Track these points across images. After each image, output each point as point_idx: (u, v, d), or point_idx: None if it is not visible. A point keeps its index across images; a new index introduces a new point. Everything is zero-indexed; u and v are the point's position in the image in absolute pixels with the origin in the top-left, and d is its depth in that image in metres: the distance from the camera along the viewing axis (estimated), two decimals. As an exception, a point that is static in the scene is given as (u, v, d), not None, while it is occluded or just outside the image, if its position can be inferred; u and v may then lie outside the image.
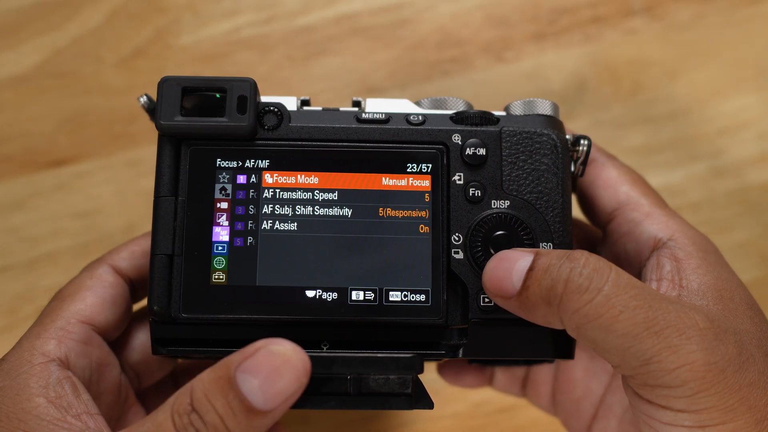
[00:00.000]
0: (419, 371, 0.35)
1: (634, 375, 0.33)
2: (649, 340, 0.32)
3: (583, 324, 0.33)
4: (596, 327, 0.33)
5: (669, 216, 0.40)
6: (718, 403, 0.32)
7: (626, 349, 0.33)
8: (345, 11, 0.63)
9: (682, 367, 0.32)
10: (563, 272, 0.34)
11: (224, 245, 0.38)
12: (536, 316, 0.35)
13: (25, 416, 0.34)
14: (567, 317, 0.34)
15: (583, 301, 0.33)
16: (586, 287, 0.33)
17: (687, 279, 0.37)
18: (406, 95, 0.59)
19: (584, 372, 0.45)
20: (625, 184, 0.41)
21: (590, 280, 0.33)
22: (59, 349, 0.36)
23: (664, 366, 0.32)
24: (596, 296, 0.33)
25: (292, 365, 0.31)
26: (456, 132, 0.40)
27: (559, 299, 0.33)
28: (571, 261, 0.34)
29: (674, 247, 0.38)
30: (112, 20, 0.63)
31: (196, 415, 0.31)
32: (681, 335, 0.32)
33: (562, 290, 0.33)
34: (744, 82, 0.62)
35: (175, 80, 0.39)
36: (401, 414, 0.56)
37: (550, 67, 0.62)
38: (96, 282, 0.39)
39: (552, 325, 0.35)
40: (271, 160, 0.39)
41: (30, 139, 0.60)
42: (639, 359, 0.32)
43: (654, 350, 0.32)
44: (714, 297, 0.36)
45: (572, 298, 0.33)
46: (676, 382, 0.32)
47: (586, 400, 0.44)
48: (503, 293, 0.35)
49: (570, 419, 0.45)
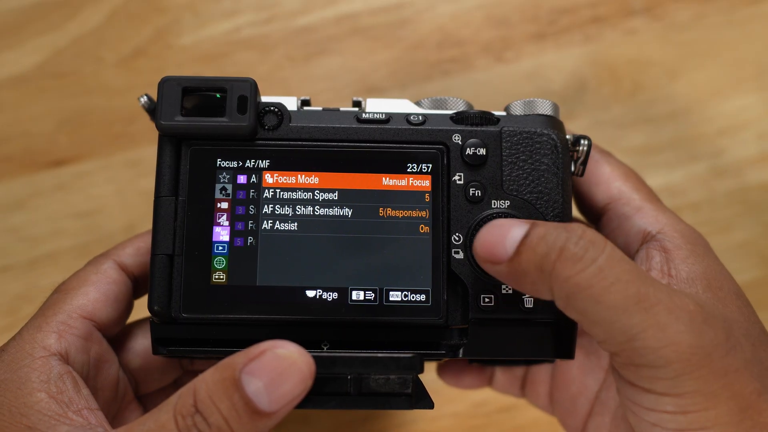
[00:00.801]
0: (419, 371, 0.35)
1: (619, 352, 0.33)
2: (638, 315, 0.32)
3: (574, 293, 0.33)
4: (586, 297, 0.32)
5: (659, 210, 0.40)
6: (701, 387, 0.32)
7: (613, 322, 0.32)
8: (345, 11, 0.63)
9: (668, 346, 0.32)
10: (559, 240, 0.33)
11: (224, 245, 0.38)
12: (525, 282, 0.35)
13: (27, 411, 0.34)
14: (558, 285, 0.33)
15: (576, 270, 0.33)
16: (580, 256, 0.33)
17: (676, 269, 0.37)
18: (406, 95, 0.59)
19: (580, 369, 0.45)
20: (617, 180, 0.42)
21: (585, 250, 0.33)
22: (60, 343, 0.36)
23: (650, 343, 0.32)
24: (590, 266, 0.33)
25: (298, 368, 0.31)
26: (456, 132, 0.40)
27: (552, 266, 0.33)
28: (567, 231, 0.34)
29: (663, 240, 0.38)
30: (112, 20, 0.63)
31: (200, 416, 0.31)
32: (670, 314, 0.32)
33: (556, 257, 0.33)
34: (744, 82, 0.62)
35: (175, 80, 0.39)
36: (401, 414, 0.56)
37: (550, 67, 0.62)
38: (100, 277, 0.39)
39: (538, 294, 0.35)
40: (271, 160, 0.39)
41: (30, 139, 0.60)
42: (625, 334, 0.32)
43: (641, 326, 0.32)
44: (703, 285, 0.36)
45: (565, 265, 0.33)
46: (660, 361, 0.32)
47: (581, 396, 0.44)
48: (494, 258, 0.35)
49: (566, 416, 0.45)
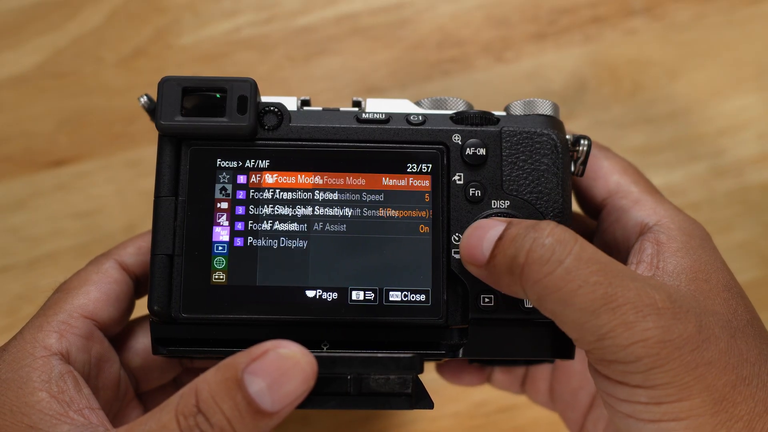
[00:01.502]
0: (419, 371, 0.35)
1: (591, 350, 0.33)
2: (606, 315, 0.32)
3: (543, 296, 0.33)
4: (555, 300, 0.33)
5: (658, 202, 0.40)
6: (672, 380, 0.32)
7: (583, 323, 0.32)
8: (345, 11, 0.63)
9: (637, 343, 0.32)
10: (527, 242, 0.33)
11: (224, 245, 0.38)
12: (502, 284, 0.35)
13: (28, 410, 0.34)
14: (528, 287, 0.33)
15: (543, 272, 0.33)
16: (547, 258, 0.33)
17: (664, 261, 0.37)
18: (406, 95, 0.59)
19: (582, 363, 0.45)
20: (615, 173, 0.42)
21: (552, 251, 0.33)
22: (60, 343, 0.36)
23: (619, 342, 0.32)
24: (557, 268, 0.33)
25: (301, 368, 0.31)
26: (456, 132, 0.40)
27: (521, 269, 0.33)
28: (536, 231, 0.34)
29: (658, 232, 0.38)
30: (112, 20, 0.63)
31: (202, 416, 0.31)
32: (638, 312, 0.32)
33: (524, 260, 0.33)
34: (744, 82, 0.62)
35: (175, 80, 0.39)
36: (401, 414, 0.56)
37: (550, 67, 0.62)
38: (101, 277, 0.39)
39: (517, 295, 0.35)
40: (271, 160, 0.39)
41: (30, 139, 0.60)
42: (594, 334, 0.32)
43: (609, 326, 0.32)
44: (687, 278, 0.36)
45: (533, 268, 0.33)
46: (630, 357, 0.32)
47: (582, 390, 0.44)
48: (474, 261, 0.35)
49: (567, 410, 0.45)
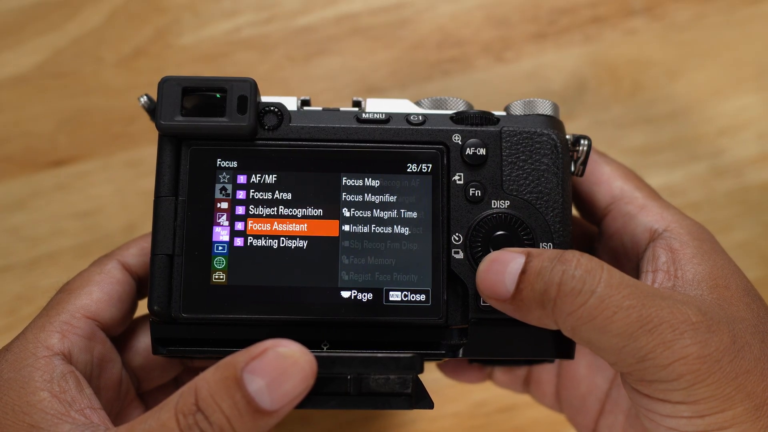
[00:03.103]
0: (419, 371, 0.35)
1: (631, 372, 0.34)
2: (644, 338, 0.32)
3: (578, 326, 0.33)
4: (591, 328, 0.33)
5: (664, 207, 0.40)
6: (715, 392, 0.33)
7: (621, 348, 0.33)
8: (345, 11, 0.63)
9: (677, 362, 0.32)
10: (555, 275, 0.34)
11: (224, 245, 0.38)
12: (531, 318, 0.35)
13: (30, 409, 0.34)
14: (562, 320, 0.34)
15: (577, 304, 0.33)
16: (579, 290, 0.33)
17: (682, 269, 0.37)
18: (406, 95, 0.59)
19: (588, 368, 0.45)
20: (618, 179, 0.42)
21: (583, 282, 0.33)
22: (63, 343, 0.37)
23: (659, 362, 0.32)
24: (590, 298, 0.33)
25: (300, 367, 0.31)
26: (456, 132, 0.40)
27: (553, 303, 0.33)
28: (563, 263, 0.34)
29: (670, 238, 0.38)
30: (112, 20, 0.63)
31: (202, 415, 0.31)
32: (674, 331, 0.33)
33: (556, 293, 0.33)
34: (744, 82, 0.62)
35: (175, 80, 0.39)
36: (401, 414, 0.56)
37: (550, 67, 0.62)
38: (104, 277, 0.39)
39: (547, 327, 0.35)
40: (271, 160, 0.39)
41: (30, 139, 0.60)
42: (634, 357, 0.33)
43: (648, 347, 0.32)
44: (709, 286, 0.36)
45: (566, 301, 0.33)
46: (672, 376, 0.32)
47: (591, 395, 0.44)
48: (497, 296, 0.35)
49: (576, 416, 0.45)
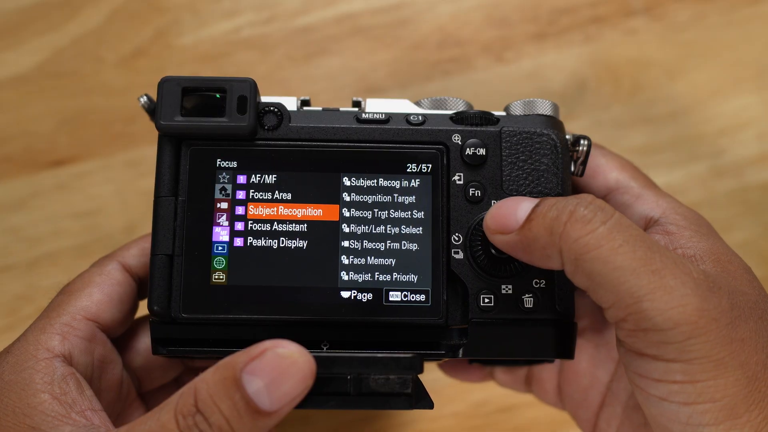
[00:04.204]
0: (419, 371, 0.35)
1: (626, 317, 0.33)
2: (646, 276, 0.32)
3: (582, 254, 0.33)
4: (594, 258, 0.33)
5: (660, 196, 0.40)
6: (709, 353, 0.32)
7: (622, 283, 0.33)
8: (345, 11, 0.63)
9: (675, 308, 0.32)
10: (569, 204, 0.34)
11: (224, 245, 0.38)
12: (534, 249, 0.35)
13: (31, 411, 0.34)
14: (567, 246, 0.34)
15: (586, 230, 0.33)
16: (590, 218, 0.34)
17: (683, 248, 0.37)
18: (406, 95, 0.59)
19: (590, 362, 0.45)
20: (614, 170, 0.42)
21: (595, 213, 0.34)
22: (63, 345, 0.37)
23: (657, 305, 0.32)
24: (599, 227, 0.33)
25: (299, 367, 0.31)
26: (456, 132, 0.40)
27: (563, 227, 0.34)
28: (577, 198, 0.35)
29: (666, 223, 0.39)
30: (112, 20, 0.63)
31: (201, 416, 0.31)
32: (676, 278, 0.32)
33: (567, 219, 0.34)
34: (744, 82, 0.62)
35: (175, 80, 0.39)
36: (401, 414, 0.56)
37: (550, 67, 0.62)
38: (104, 279, 0.39)
39: (547, 261, 0.35)
40: (271, 160, 0.39)
41: (30, 139, 0.60)
42: (633, 296, 0.32)
43: (649, 287, 0.32)
44: (711, 261, 0.36)
45: (575, 226, 0.34)
46: (668, 324, 0.32)
47: (593, 389, 0.44)
48: (504, 228, 0.36)
49: (577, 410, 0.45)
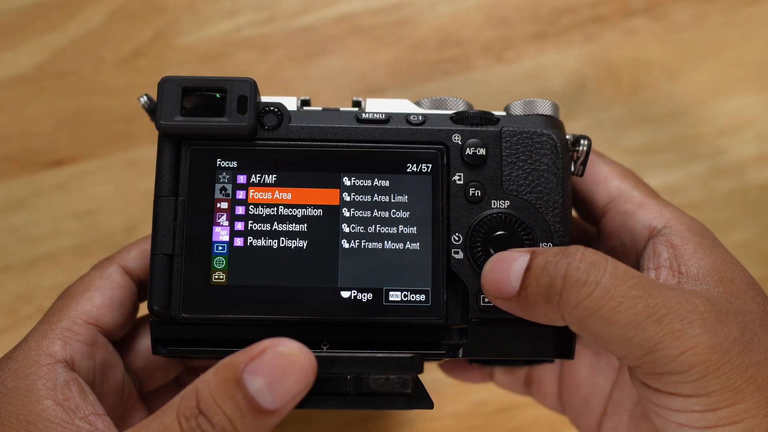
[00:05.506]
0: (419, 371, 0.35)
1: (640, 365, 0.33)
2: (652, 327, 0.32)
3: (585, 318, 0.33)
4: (598, 320, 0.33)
5: (662, 205, 0.40)
6: (726, 384, 0.32)
7: (629, 339, 0.33)
8: (345, 11, 0.63)
9: (687, 351, 0.32)
10: (560, 268, 0.34)
11: (224, 245, 0.38)
12: (537, 314, 0.35)
13: (34, 418, 0.34)
14: (568, 312, 0.34)
15: (583, 295, 0.33)
16: (584, 281, 0.33)
17: (686, 265, 0.37)
18: (406, 95, 0.59)
19: (589, 369, 0.45)
20: (615, 178, 0.42)
21: (588, 273, 0.33)
22: (65, 350, 0.36)
23: (669, 352, 0.32)
24: (595, 289, 0.33)
25: (300, 365, 0.31)
26: (456, 132, 0.40)
27: (559, 295, 0.33)
28: (567, 257, 0.34)
29: (670, 234, 0.38)
30: (112, 20, 0.63)
31: (204, 417, 0.31)
32: (683, 320, 0.32)
33: (561, 286, 0.33)
34: (744, 82, 0.62)
35: (175, 80, 0.39)
36: (401, 414, 0.56)
37: (550, 67, 0.62)
38: (105, 282, 0.39)
39: (554, 323, 0.35)
40: (271, 160, 0.39)
41: (30, 139, 0.60)
42: (643, 348, 0.32)
43: (657, 337, 0.32)
44: (714, 280, 0.36)
45: (571, 292, 0.33)
46: (682, 367, 0.32)
47: (594, 397, 0.44)
48: (503, 295, 0.35)
49: (579, 417, 0.45)
